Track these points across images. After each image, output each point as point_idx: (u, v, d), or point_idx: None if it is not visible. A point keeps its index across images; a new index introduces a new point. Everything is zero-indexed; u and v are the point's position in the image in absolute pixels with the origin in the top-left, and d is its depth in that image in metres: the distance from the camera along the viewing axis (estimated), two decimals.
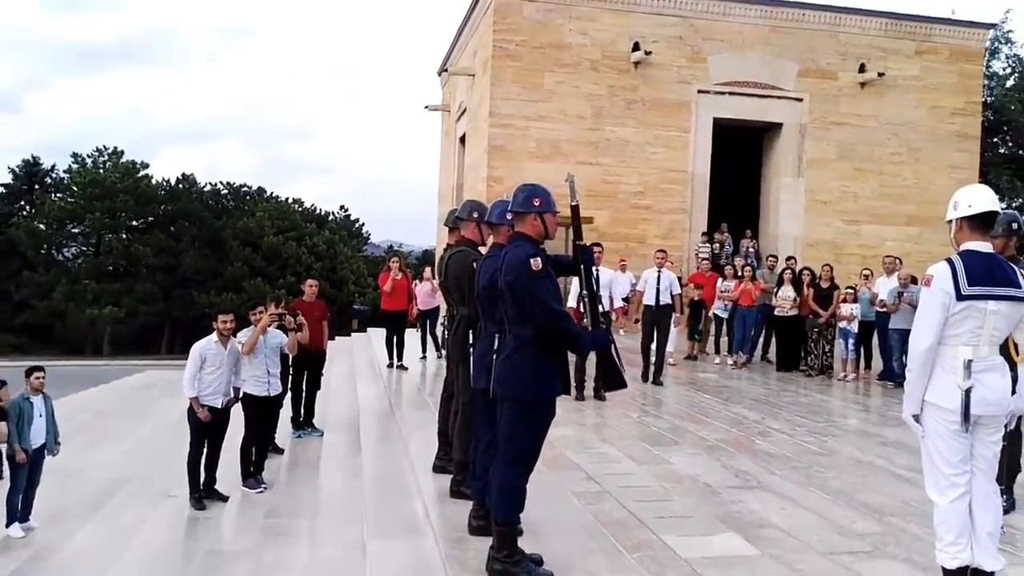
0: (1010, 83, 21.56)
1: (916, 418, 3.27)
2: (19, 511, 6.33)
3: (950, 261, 3.17)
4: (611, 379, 3.89)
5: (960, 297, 3.08)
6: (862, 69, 16.52)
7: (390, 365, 11.03)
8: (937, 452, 3.19)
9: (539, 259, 3.57)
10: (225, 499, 6.61)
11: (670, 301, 9.33)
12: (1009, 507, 4.41)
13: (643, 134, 15.82)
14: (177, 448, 7.68)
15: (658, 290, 9.23)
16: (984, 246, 3.20)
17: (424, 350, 11.69)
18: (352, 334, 18.15)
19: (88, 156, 47.41)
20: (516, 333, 3.65)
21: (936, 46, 16.98)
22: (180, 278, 44.23)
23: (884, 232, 16.52)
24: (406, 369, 10.90)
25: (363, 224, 54.11)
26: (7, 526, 6.24)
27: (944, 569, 3.19)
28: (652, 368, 9.34)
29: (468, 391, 4.61)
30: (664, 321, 9.36)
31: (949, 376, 3.14)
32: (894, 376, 9.91)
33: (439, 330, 11.25)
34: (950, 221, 3.29)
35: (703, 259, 13.95)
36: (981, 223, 3.22)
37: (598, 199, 15.08)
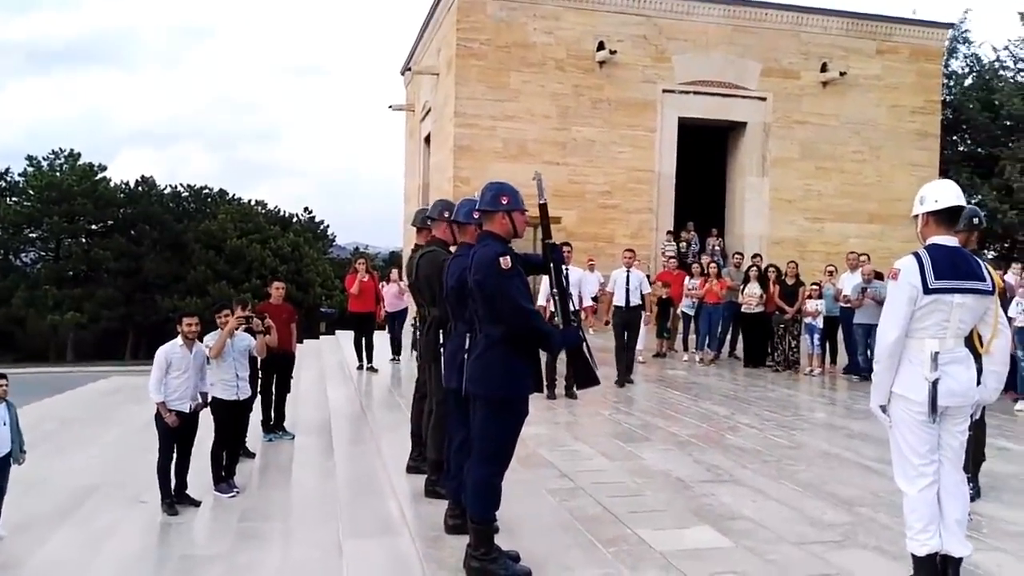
0: (968, 82, 22.09)
1: (883, 409, 3.34)
2: None
3: (917, 255, 3.23)
4: (583, 377, 3.91)
5: (927, 291, 3.15)
6: (824, 68, 16.83)
7: (360, 367, 10.96)
8: (905, 442, 3.26)
9: (508, 258, 3.57)
10: (197, 504, 6.53)
11: (640, 301, 9.33)
12: (975, 495, 4.52)
13: (609, 134, 15.92)
14: (145, 454, 7.54)
15: (627, 290, 9.19)
16: (950, 240, 3.28)
17: (396, 352, 11.63)
18: (320, 337, 17.98)
19: (44, 159, 46.28)
20: (487, 332, 3.65)
21: (896, 45, 17.36)
22: (142, 282, 43.42)
23: (847, 229, 16.84)
24: (376, 371, 10.83)
25: (328, 226, 53.63)
26: None
27: (914, 556, 3.26)
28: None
29: (441, 391, 4.60)
30: (635, 322, 9.36)
31: (916, 368, 3.21)
32: (859, 370, 10.11)
33: (406, 331, 11.20)
34: (916, 216, 3.36)
35: (670, 257, 14.08)
36: (947, 217, 3.29)
37: (565, 199, 15.14)
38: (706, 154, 17.21)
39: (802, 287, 10.87)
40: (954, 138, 21.63)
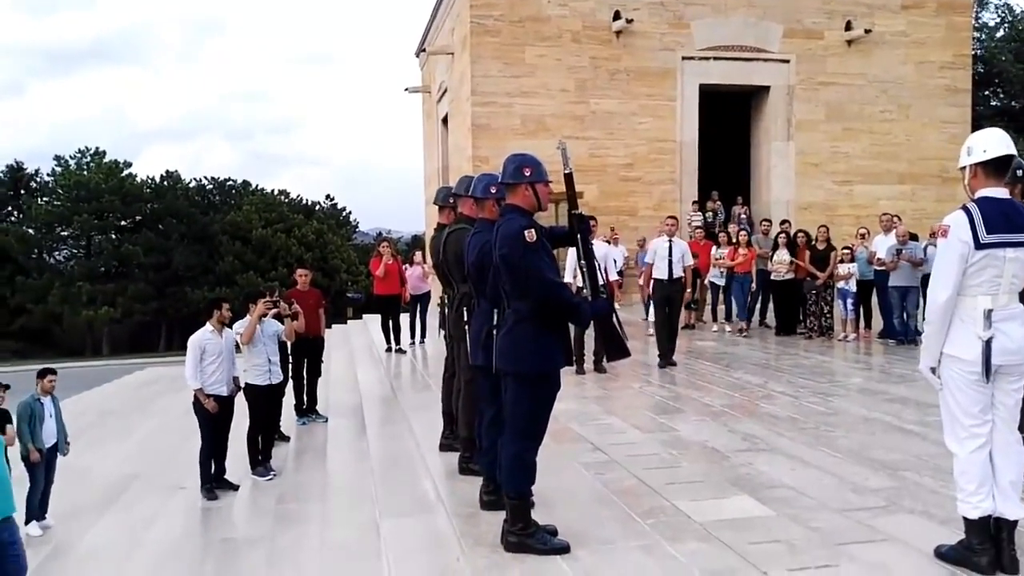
0: (1000, 34, 21.41)
1: (933, 371, 3.22)
2: (37, 510, 6.37)
3: (967, 209, 3.08)
4: (614, 348, 3.85)
5: (979, 246, 3.01)
6: (848, 27, 16.37)
7: (388, 349, 11.02)
8: (956, 403, 3.15)
9: (533, 231, 3.50)
10: (236, 488, 6.65)
11: (683, 273, 8.64)
12: None
13: (629, 105, 15.66)
14: (183, 442, 7.67)
15: (670, 262, 8.47)
16: (1001, 192, 3.11)
17: (423, 335, 11.64)
18: (348, 321, 18.09)
19: (71, 158, 46.98)
20: (515, 307, 3.59)
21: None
22: (172, 275, 44.07)
23: (877, 191, 16.45)
24: (404, 352, 10.89)
25: (350, 212, 53.86)
26: (26, 524, 6.24)
27: (966, 520, 3.16)
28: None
29: (469, 369, 4.57)
30: (677, 296, 8.67)
31: (968, 327, 3.09)
32: (895, 334, 9.92)
33: (433, 312, 11.19)
34: (963, 168, 3.20)
35: (696, 227, 13.89)
36: (996, 168, 3.11)
37: (586, 173, 14.94)
38: (729, 121, 16.89)
39: (833, 251, 10.66)
40: (986, 93, 21.03)
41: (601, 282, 3.85)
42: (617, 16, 15.38)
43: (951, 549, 3.25)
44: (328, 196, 54.50)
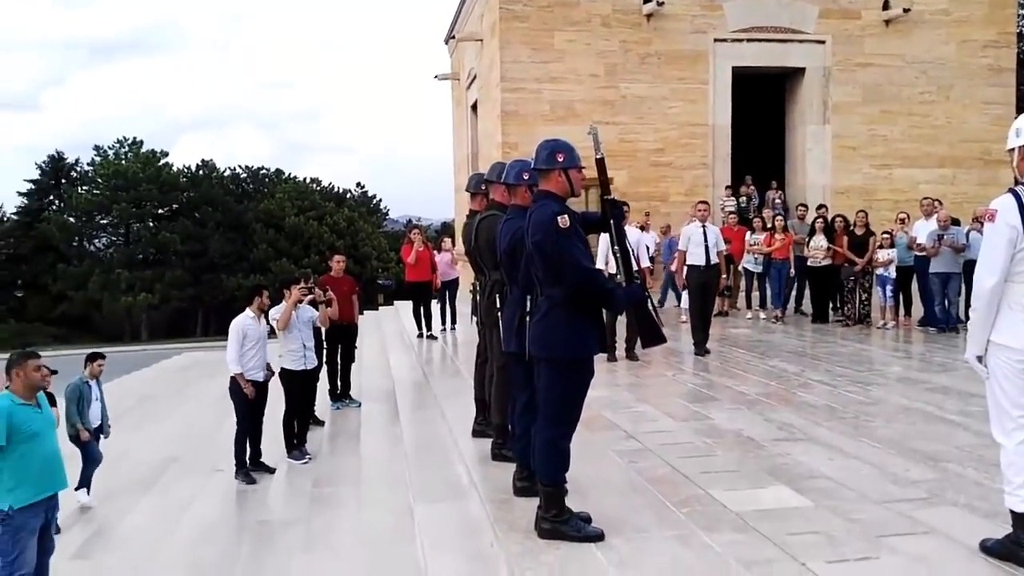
0: None
1: (980, 359, 3.13)
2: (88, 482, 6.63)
3: (1015, 192, 2.98)
4: (648, 334, 3.79)
5: None
6: (886, 6, 15.91)
7: (420, 335, 11.07)
8: (1003, 393, 3.06)
9: (566, 216, 3.48)
10: (272, 471, 6.76)
11: (718, 260, 8.49)
12: None
13: (660, 89, 15.43)
14: (220, 425, 7.80)
15: (706, 247, 8.31)
16: None
17: (454, 321, 11.67)
18: (379, 308, 18.22)
19: (109, 148, 47.91)
20: (548, 294, 3.57)
21: None
22: (208, 263, 44.83)
23: (916, 175, 16.04)
24: (436, 338, 10.93)
25: (380, 200, 54.21)
26: (76, 489, 6.51)
27: (1013, 513, 3.08)
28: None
29: (502, 356, 4.56)
30: (713, 282, 8.50)
31: (1017, 314, 3.00)
32: (936, 322, 9.70)
33: (464, 298, 11.20)
34: (1012, 150, 3.09)
35: (729, 213, 13.70)
36: None
37: (617, 159, 14.75)
38: (762, 104, 16.59)
39: (872, 237, 10.43)
40: None
41: (635, 268, 3.80)
42: None
43: (997, 543, 3.17)
44: (359, 184, 54.94)
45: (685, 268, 8.61)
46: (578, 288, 3.48)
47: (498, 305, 4.58)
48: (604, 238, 6.70)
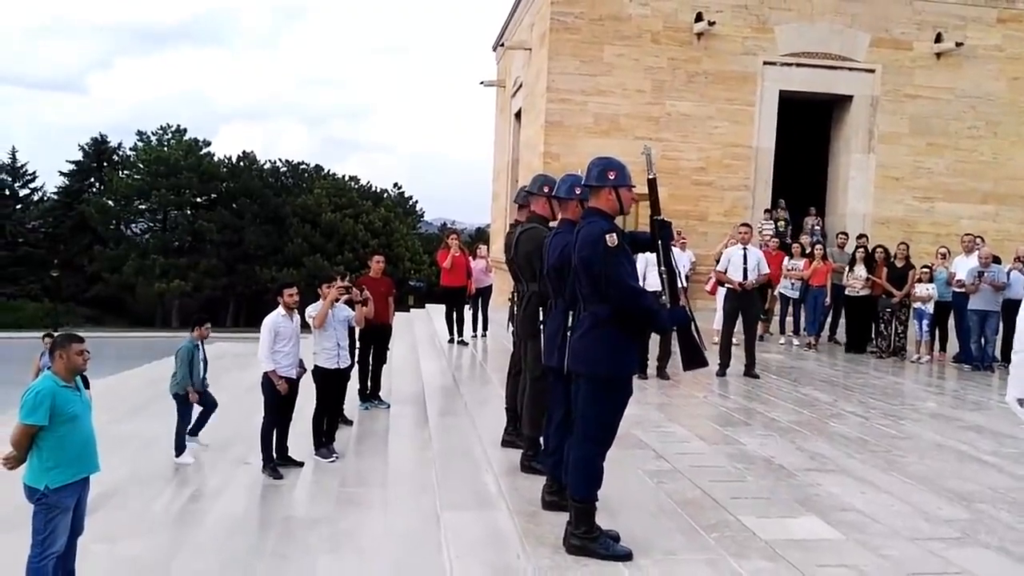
0: None
1: (1021, 403, 3.11)
2: (184, 443, 7.32)
3: None
4: (691, 357, 3.80)
5: None
6: (939, 39, 15.74)
7: (451, 340, 11.13)
8: None
9: (615, 235, 3.51)
10: (300, 465, 6.83)
11: (754, 283, 8.47)
12: None
13: (705, 108, 15.40)
14: (249, 417, 7.91)
15: (745, 270, 8.30)
16: None
17: (485, 327, 11.72)
18: (410, 310, 18.34)
19: (153, 134, 48.80)
20: (592, 311, 3.59)
21: (1020, 13, 16.06)
22: (243, 253, 45.43)
23: (959, 210, 15.81)
24: (466, 344, 10.98)
25: (417, 201, 54.61)
26: (176, 456, 7.24)
27: None
28: (742, 362, 8.45)
29: (538, 367, 4.59)
30: (751, 306, 8.51)
31: None
32: (972, 359, 9.56)
33: (497, 307, 11.25)
34: None
35: (769, 237, 13.61)
36: None
37: (658, 176, 14.76)
38: (804, 129, 16.46)
39: (912, 270, 10.31)
40: None
41: (682, 287, 3.82)
42: (699, 18, 15.13)
43: None
44: (396, 184, 55.42)
45: (724, 289, 8.58)
46: (624, 307, 3.51)
47: (541, 317, 4.61)
48: (642, 257, 6.70)
